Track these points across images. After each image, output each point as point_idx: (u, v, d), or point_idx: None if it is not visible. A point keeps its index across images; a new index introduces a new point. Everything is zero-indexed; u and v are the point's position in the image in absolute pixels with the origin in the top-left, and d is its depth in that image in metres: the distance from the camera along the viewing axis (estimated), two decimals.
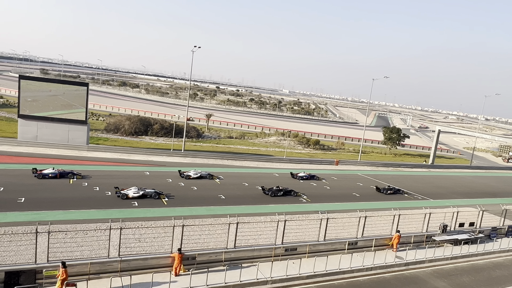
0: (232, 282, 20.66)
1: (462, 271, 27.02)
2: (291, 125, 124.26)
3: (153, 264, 20.76)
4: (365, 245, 27.39)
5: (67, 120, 52.38)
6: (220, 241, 23.43)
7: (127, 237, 21.87)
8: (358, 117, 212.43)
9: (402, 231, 28.55)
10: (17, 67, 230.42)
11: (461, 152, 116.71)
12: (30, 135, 51.34)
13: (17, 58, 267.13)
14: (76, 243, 21.45)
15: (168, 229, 22.31)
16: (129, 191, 34.10)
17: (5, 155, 45.16)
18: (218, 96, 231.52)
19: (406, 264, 26.52)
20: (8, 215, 27.07)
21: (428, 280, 24.81)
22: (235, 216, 23.64)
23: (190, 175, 43.66)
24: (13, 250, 19.80)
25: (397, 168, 71.84)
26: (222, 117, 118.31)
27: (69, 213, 28.86)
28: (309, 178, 50.86)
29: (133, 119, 76.01)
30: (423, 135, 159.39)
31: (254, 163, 59.01)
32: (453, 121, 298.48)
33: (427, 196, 49.52)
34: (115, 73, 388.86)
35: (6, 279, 17.62)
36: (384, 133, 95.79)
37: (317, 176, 52.08)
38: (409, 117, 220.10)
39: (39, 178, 36.66)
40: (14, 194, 31.26)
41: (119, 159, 50.25)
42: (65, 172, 38.16)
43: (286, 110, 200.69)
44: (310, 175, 51.35)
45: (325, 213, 26.75)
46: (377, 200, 44.09)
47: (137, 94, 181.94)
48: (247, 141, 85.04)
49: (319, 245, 25.78)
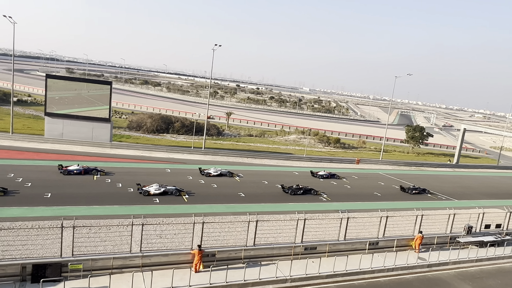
0: (251, 279, 20.72)
1: (488, 274, 26.22)
2: (312, 123, 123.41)
3: (173, 260, 21.04)
4: (386, 246, 26.95)
5: (91, 118, 53.66)
6: (240, 239, 23.51)
7: (148, 233, 22.21)
8: (380, 115, 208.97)
9: (425, 232, 27.95)
10: (44, 66, 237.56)
11: (488, 151, 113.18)
12: (56, 132, 52.88)
13: (44, 58, 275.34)
14: (100, 238, 21.93)
15: (188, 226, 22.55)
16: (150, 188, 34.66)
17: (33, 152, 46.69)
18: (238, 94, 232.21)
19: (429, 265, 25.94)
20: (35, 210, 27.99)
21: (451, 283, 24.21)
22: (255, 214, 23.67)
23: (211, 172, 43.99)
24: (39, 244, 20.43)
25: (420, 167, 70.34)
26: (242, 115, 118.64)
27: (92, 209, 29.59)
28: (329, 177, 50.47)
29: (155, 117, 77.18)
30: (448, 134, 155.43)
31: (273, 161, 58.95)
32: (479, 120, 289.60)
33: (452, 196, 48.29)
34: (137, 71, 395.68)
35: (33, 271, 18.22)
36: (406, 131, 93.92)
37: (337, 174, 51.58)
38: (433, 115, 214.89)
39: (64, 174, 37.73)
40: (41, 190, 32.28)
41: (141, 156, 51.13)
42: (89, 168, 39.12)
43: (306, 108, 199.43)
44: (330, 174, 50.96)
45: (346, 212, 26.46)
46: (399, 200, 43.29)
47: (158, 92, 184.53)
48: (267, 139, 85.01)
49: (339, 244, 25.53)
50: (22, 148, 47.88)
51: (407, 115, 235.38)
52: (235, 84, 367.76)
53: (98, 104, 54.30)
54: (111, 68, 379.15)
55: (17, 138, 52.05)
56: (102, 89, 55.25)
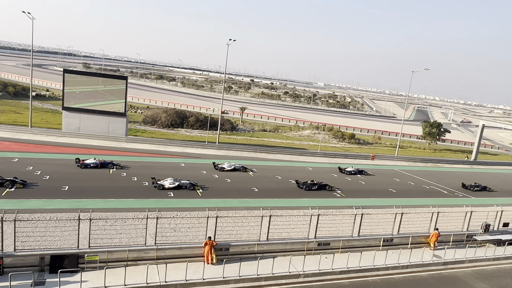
0: (264, 274, 20.80)
1: (505, 273, 25.71)
2: (326, 119, 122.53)
3: (187, 253, 21.25)
4: (400, 242, 26.66)
5: (107, 113, 54.41)
6: (253, 233, 23.59)
7: (163, 227, 22.49)
8: (396, 111, 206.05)
9: (440, 230, 27.52)
10: (62, 61, 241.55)
11: (507, 148, 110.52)
12: (74, 126, 53.82)
13: (61, 53, 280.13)
14: (115, 230, 22.33)
15: (202, 220, 22.73)
16: (165, 182, 35.01)
17: (51, 145, 47.66)
18: (252, 89, 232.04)
19: (445, 263, 25.57)
20: (53, 202, 28.61)
21: (467, 281, 23.83)
22: (268, 209, 23.70)
23: (224, 167, 44.17)
24: (57, 235, 20.91)
25: (436, 164, 69.19)
26: (256, 110, 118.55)
27: (108, 202, 30.07)
28: (357, 173, 50.76)
29: (170, 112, 77.79)
30: (466, 130, 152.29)
31: (287, 156, 58.81)
32: (498, 115, 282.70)
33: (469, 194, 47.39)
34: (152, 66, 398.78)
35: (51, 262, 18.67)
36: (423, 127, 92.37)
37: (365, 171, 51.70)
38: (451, 111, 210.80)
39: (81, 167, 38.42)
40: (59, 182, 32.95)
41: (156, 151, 51.66)
42: (106, 162, 39.73)
43: (321, 103, 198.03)
44: (358, 170, 51.23)
45: (360, 209, 26.25)
46: (415, 197, 42.72)
47: (173, 87, 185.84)
48: (281, 134, 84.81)
49: (353, 240, 25.37)
50: (40, 142, 48.92)
51: (424, 111, 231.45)
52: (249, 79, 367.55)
53: (114, 99, 55.00)
54: (126, 63, 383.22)
55: (35, 132, 53.18)
56: (118, 84, 55.92)
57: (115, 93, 55.11)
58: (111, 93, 55.22)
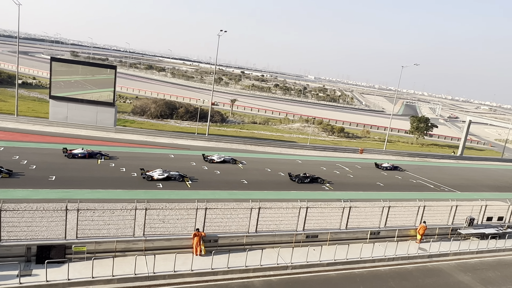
0: (252, 265, 20.94)
1: (488, 266, 26.35)
2: (316, 112, 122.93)
3: (176, 245, 21.26)
4: (387, 235, 27.08)
5: (96, 102, 53.68)
6: (242, 225, 23.68)
7: (151, 218, 22.38)
8: (385, 105, 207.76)
9: (426, 223, 27.99)
10: (49, 49, 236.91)
11: (492, 144, 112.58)
12: (61, 115, 53.00)
13: (48, 40, 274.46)
14: (103, 221, 22.13)
15: (191, 211, 22.70)
16: (154, 173, 34.84)
17: (37, 135, 46.90)
18: (243, 81, 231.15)
19: (430, 256, 26.08)
20: (40, 192, 28.27)
21: (451, 273, 24.36)
22: (257, 201, 23.78)
23: (214, 159, 44.10)
24: (44, 226, 20.65)
25: (423, 158, 70.17)
26: (246, 102, 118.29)
27: (96, 192, 29.83)
28: (392, 169, 53.14)
29: (159, 102, 77.13)
30: (453, 125, 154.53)
31: (277, 149, 58.95)
32: (485, 112, 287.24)
33: (454, 188, 48.24)
34: (142, 56, 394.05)
35: (38, 252, 18.50)
36: (411, 122, 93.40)
37: (400, 167, 54.65)
38: (439, 107, 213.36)
39: (69, 157, 37.95)
40: (46, 172, 32.53)
41: (145, 141, 51.28)
42: (94, 152, 39.31)
43: (311, 96, 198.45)
44: (393, 166, 54.28)
45: (348, 202, 26.53)
46: (402, 191, 43.31)
47: (163, 78, 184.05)
48: (271, 127, 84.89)
49: (341, 233, 25.67)
50: (27, 131, 48.10)
51: (413, 106, 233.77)
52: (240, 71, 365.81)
53: (103, 88, 54.26)
54: (115, 52, 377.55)
55: (22, 120, 52.26)
56: (106, 73, 55.16)
57: (104, 82, 54.36)
58: (100, 83, 54.46)
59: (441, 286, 22.44)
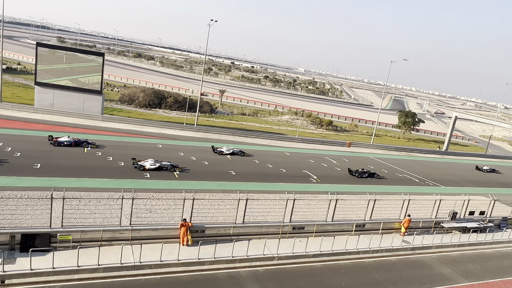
0: (239, 256, 21.09)
1: (469, 259, 27.03)
2: (305, 105, 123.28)
3: (163, 234, 21.25)
4: (372, 228, 27.52)
5: (83, 90, 52.79)
6: (229, 216, 23.78)
7: (138, 207, 22.32)
8: (374, 100, 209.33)
9: (411, 216, 28.51)
10: (34, 34, 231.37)
11: (477, 140, 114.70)
12: (47, 102, 52.02)
13: (34, 25, 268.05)
14: (89, 210, 22.00)
15: (178, 201, 22.69)
16: (146, 162, 34.61)
17: (22, 121, 46.02)
18: (233, 72, 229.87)
19: (413, 248, 26.62)
20: (24, 180, 27.83)
21: (433, 265, 24.94)
22: (245, 193, 23.87)
23: (223, 151, 44.66)
24: (29, 214, 20.43)
25: (410, 153, 71.15)
26: (236, 93, 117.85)
27: (83, 181, 29.52)
28: (493, 171, 61.81)
29: (147, 91, 76.29)
30: (439, 121, 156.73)
31: (266, 141, 59.06)
32: (470, 108, 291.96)
33: (439, 182, 49.13)
34: (130, 44, 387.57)
35: (22, 240, 18.28)
36: (399, 117, 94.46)
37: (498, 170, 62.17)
38: (426, 102, 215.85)
39: (54, 145, 37.37)
40: (30, 160, 32.01)
41: (132, 131, 50.77)
42: (80, 141, 38.79)
43: (300, 89, 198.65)
44: (491, 169, 61.99)
45: (335, 194, 26.81)
46: (387, 184, 43.93)
47: (152, 67, 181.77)
48: (260, 119, 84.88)
49: (327, 225, 25.98)
50: (11, 117, 47.13)
51: (400, 101, 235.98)
52: (230, 61, 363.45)
53: (90, 75, 53.35)
54: (103, 39, 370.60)
55: (6, 106, 51.15)
56: (94, 61, 54.20)
57: (91, 69, 53.44)
58: (87, 70, 53.51)
59: (423, 278, 22.96)
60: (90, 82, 53.14)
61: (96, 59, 54.47)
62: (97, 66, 53.13)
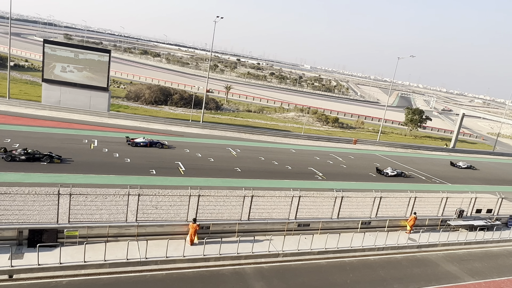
0: (244, 252, 21.13)
1: (475, 257, 26.84)
2: (311, 102, 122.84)
3: (168, 231, 21.35)
4: (378, 225, 27.40)
5: (89, 86, 53.09)
6: (234, 213, 23.81)
7: (144, 204, 22.42)
8: (380, 96, 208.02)
9: (417, 214, 28.35)
10: (42, 31, 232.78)
11: (484, 137, 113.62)
12: (54, 99, 52.40)
13: (41, 22, 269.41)
14: (96, 206, 22.14)
15: (184, 198, 22.76)
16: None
17: (30, 118, 46.41)
18: (239, 68, 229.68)
19: (419, 246, 26.49)
20: (32, 176, 28.09)
21: (439, 264, 24.80)
22: (250, 189, 23.88)
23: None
24: (36, 210, 20.61)
25: (416, 150, 70.67)
26: (242, 90, 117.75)
27: (89, 177, 29.72)
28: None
29: (153, 88, 76.48)
30: (446, 118, 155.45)
31: (271, 138, 59.00)
32: (478, 105, 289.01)
33: (446, 180, 48.76)
34: (137, 41, 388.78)
35: (30, 236, 18.48)
36: (406, 114, 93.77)
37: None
38: (433, 99, 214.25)
39: (132, 146, 39.78)
40: None
41: (138, 127, 50.99)
42: (154, 141, 41.11)
43: (306, 86, 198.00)
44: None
45: (340, 192, 26.74)
46: (393, 182, 43.70)
47: (158, 63, 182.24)
48: (266, 116, 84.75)
49: (332, 222, 25.93)
50: (19, 114, 47.56)
51: (407, 98, 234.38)
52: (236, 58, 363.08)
53: (97, 72, 53.56)
54: (110, 36, 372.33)
55: (14, 103, 51.63)
56: (100, 57, 54.38)
57: (98, 66, 53.67)
58: (94, 67, 53.74)
59: (429, 276, 22.85)
60: (96, 79, 53.32)
61: (103, 56, 54.67)
62: (103, 63, 53.34)
